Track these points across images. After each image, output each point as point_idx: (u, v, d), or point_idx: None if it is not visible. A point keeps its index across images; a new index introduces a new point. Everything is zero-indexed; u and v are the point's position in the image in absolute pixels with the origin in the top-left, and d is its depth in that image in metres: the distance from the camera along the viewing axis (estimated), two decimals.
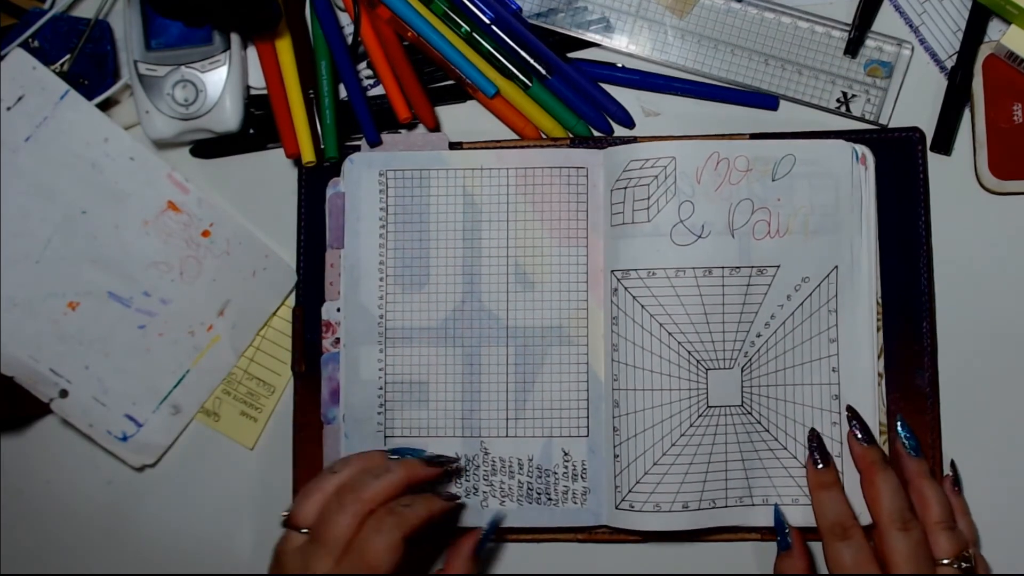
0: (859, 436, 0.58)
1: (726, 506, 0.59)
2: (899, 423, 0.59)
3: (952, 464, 0.60)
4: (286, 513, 0.55)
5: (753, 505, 0.59)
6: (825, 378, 0.60)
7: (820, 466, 0.58)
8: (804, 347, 0.60)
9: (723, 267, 0.59)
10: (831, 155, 0.60)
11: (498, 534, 0.61)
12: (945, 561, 0.55)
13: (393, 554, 0.51)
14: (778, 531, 0.58)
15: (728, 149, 0.60)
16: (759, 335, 0.59)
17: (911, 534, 0.55)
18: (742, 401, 0.59)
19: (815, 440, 0.59)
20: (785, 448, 0.60)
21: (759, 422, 0.59)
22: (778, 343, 0.60)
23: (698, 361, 0.59)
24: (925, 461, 0.58)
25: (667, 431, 0.59)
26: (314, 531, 0.53)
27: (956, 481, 0.59)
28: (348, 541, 0.52)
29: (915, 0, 0.64)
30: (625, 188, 0.60)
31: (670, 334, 0.59)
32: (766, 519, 0.59)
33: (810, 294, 0.60)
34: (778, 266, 0.59)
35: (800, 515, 0.59)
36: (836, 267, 0.60)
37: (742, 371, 0.59)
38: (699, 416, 0.59)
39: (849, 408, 0.59)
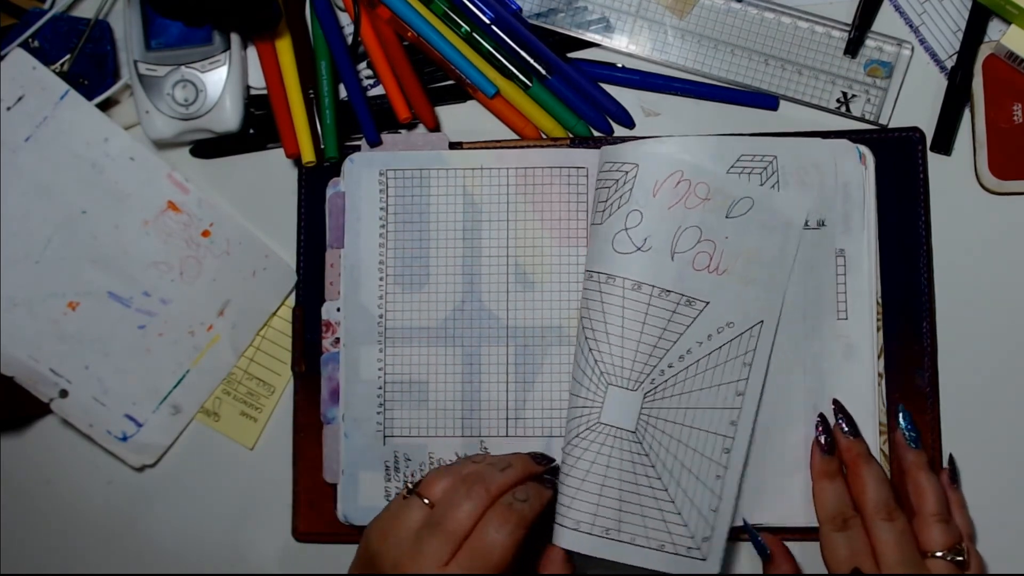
0: (845, 429, 0.58)
1: (591, 533, 0.56)
2: (900, 414, 0.59)
3: (951, 458, 0.60)
4: (412, 483, 0.55)
5: (620, 542, 0.56)
6: (722, 429, 0.58)
7: (827, 453, 0.58)
8: (711, 392, 0.58)
9: (653, 286, 0.57)
10: (789, 207, 0.59)
11: None
12: (938, 554, 0.55)
13: (512, 552, 0.51)
14: (753, 543, 0.59)
15: (693, 172, 0.58)
16: (671, 366, 0.57)
17: (896, 524, 0.55)
18: (636, 428, 0.57)
19: (823, 425, 0.58)
20: (666, 490, 0.57)
21: (647, 455, 0.57)
22: (687, 380, 0.58)
23: (601, 372, 0.57)
24: (924, 453, 0.58)
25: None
26: (435, 513, 0.53)
27: (954, 475, 0.59)
28: (467, 532, 0.52)
29: (915, 0, 0.64)
30: (598, 188, 0.60)
31: (586, 339, 0.58)
32: (630, 558, 0.56)
33: (731, 340, 0.58)
34: (707, 302, 0.58)
35: (668, 563, 0.56)
36: (761, 322, 0.58)
37: (644, 396, 0.57)
38: (586, 429, 0.57)
39: (835, 402, 0.59)
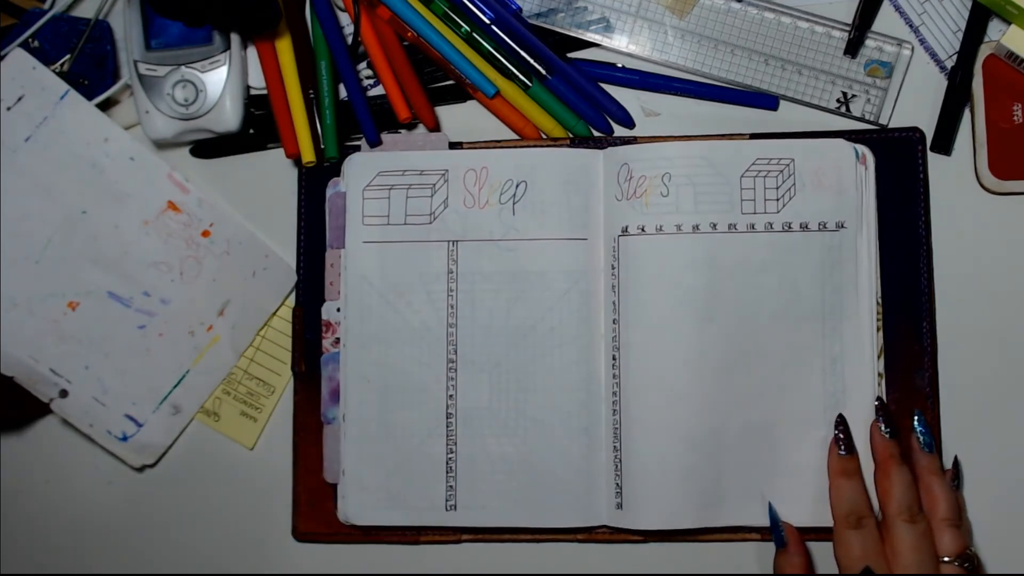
0: (883, 428, 0.58)
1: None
2: (916, 418, 0.59)
3: (955, 461, 0.60)
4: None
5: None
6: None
7: (843, 453, 0.58)
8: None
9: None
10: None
11: (495, 534, 0.61)
12: (947, 559, 0.55)
13: None
14: (772, 528, 0.59)
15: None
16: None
17: (916, 526, 0.55)
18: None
19: (841, 425, 0.59)
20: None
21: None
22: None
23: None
24: (937, 458, 0.58)
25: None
26: None
27: (956, 478, 0.59)
28: None
29: (915, 0, 0.64)
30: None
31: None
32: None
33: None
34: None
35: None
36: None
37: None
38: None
39: (878, 399, 0.59)
